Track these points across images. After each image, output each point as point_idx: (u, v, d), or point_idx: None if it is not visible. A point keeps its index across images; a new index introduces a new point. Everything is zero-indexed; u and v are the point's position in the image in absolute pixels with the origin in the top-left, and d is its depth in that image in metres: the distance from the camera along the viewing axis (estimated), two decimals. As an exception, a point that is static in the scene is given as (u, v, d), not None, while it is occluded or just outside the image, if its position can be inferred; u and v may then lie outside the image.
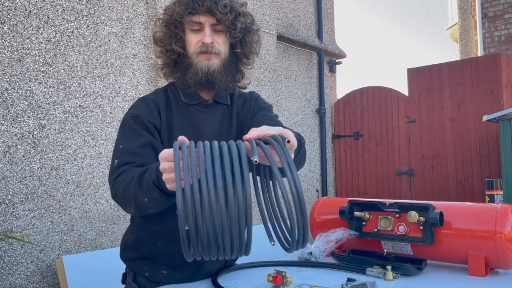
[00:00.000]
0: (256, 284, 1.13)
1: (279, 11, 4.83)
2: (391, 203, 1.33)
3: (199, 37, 1.22)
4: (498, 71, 4.53)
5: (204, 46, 1.21)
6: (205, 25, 1.21)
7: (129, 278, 1.27)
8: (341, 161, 5.50)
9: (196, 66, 1.22)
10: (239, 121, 1.32)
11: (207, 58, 1.22)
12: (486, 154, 4.52)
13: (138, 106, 1.23)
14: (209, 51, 1.21)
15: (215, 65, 1.22)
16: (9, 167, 2.49)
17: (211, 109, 1.29)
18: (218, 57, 1.23)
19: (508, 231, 1.14)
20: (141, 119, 1.19)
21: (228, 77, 1.26)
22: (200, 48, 1.22)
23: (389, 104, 5.19)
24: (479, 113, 4.53)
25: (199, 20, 1.21)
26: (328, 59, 5.61)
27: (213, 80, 1.22)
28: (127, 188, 1.03)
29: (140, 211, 1.05)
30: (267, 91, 4.50)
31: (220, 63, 1.24)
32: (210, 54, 1.22)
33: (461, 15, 7.91)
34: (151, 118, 1.20)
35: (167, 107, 1.27)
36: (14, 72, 2.54)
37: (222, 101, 1.31)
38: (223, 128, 1.29)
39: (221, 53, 1.24)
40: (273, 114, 1.32)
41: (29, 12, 2.62)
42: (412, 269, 1.18)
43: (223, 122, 1.30)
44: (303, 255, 1.35)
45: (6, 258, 2.43)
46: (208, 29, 1.21)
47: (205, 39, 1.20)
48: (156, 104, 1.24)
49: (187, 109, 1.27)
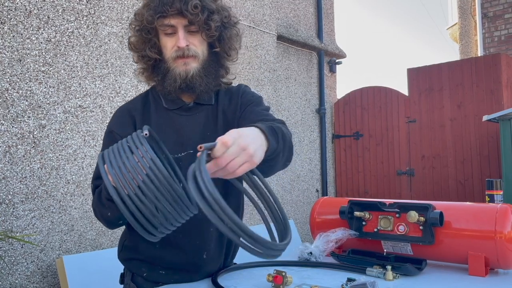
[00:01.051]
0: (256, 284, 1.13)
1: (279, 11, 4.83)
2: (391, 203, 1.33)
3: (173, 41, 1.17)
4: (498, 71, 4.53)
5: (179, 51, 1.16)
6: (178, 27, 1.15)
7: (127, 278, 1.27)
8: (341, 161, 5.50)
9: (173, 72, 1.18)
10: (226, 119, 1.25)
11: (184, 63, 1.17)
12: (486, 154, 4.52)
13: (113, 119, 1.26)
14: (186, 55, 1.16)
15: (194, 69, 1.18)
16: (9, 167, 2.49)
17: (193, 112, 1.25)
18: (196, 60, 1.18)
19: (508, 231, 1.14)
20: (114, 134, 1.22)
21: (209, 78, 1.21)
22: (176, 53, 1.17)
23: (389, 104, 5.19)
24: (479, 113, 4.53)
25: (171, 23, 1.15)
26: (328, 59, 5.61)
27: (192, 85, 1.18)
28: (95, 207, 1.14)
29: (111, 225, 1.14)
30: (267, 91, 4.50)
31: (199, 65, 1.19)
32: (187, 58, 1.17)
33: (461, 15, 7.91)
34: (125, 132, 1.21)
35: (144, 115, 1.24)
36: (14, 72, 2.54)
37: (205, 102, 1.26)
38: (208, 130, 1.23)
39: (198, 55, 1.19)
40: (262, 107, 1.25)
41: (29, 12, 2.62)
42: (412, 269, 1.19)
43: (207, 124, 1.24)
44: (303, 255, 1.35)
45: (6, 258, 2.43)
46: (181, 32, 1.15)
47: (179, 43, 1.15)
48: (131, 115, 1.24)
49: (168, 115, 1.24)
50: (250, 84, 4.25)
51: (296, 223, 4.74)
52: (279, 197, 4.59)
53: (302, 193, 4.96)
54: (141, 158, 0.85)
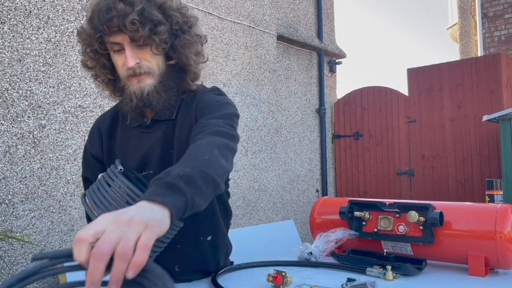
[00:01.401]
0: (256, 284, 1.13)
1: (279, 11, 4.83)
2: (391, 203, 1.33)
3: (123, 58, 1.08)
4: (498, 71, 4.52)
5: (130, 70, 1.07)
6: (124, 44, 1.06)
7: None
8: (341, 161, 5.50)
9: (129, 91, 1.10)
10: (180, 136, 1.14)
11: (138, 80, 1.09)
12: (486, 154, 4.52)
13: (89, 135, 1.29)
14: (138, 73, 1.08)
15: (149, 86, 1.09)
16: (9, 167, 2.49)
17: (153, 129, 1.17)
18: (151, 76, 1.09)
19: (508, 231, 1.14)
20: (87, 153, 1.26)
21: (168, 93, 1.12)
22: (127, 72, 1.08)
23: (389, 104, 5.19)
24: (479, 113, 4.53)
25: (116, 40, 1.06)
26: (328, 59, 5.61)
27: (150, 103, 1.10)
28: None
29: None
30: (267, 91, 4.50)
31: (154, 81, 1.10)
32: (140, 75, 1.08)
33: (461, 15, 7.91)
34: (94, 150, 1.25)
35: (110, 133, 1.23)
36: (14, 72, 2.54)
37: (164, 117, 1.16)
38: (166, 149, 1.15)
39: (152, 70, 1.09)
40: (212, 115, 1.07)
41: (29, 12, 2.62)
42: (412, 269, 1.19)
43: (166, 142, 1.15)
44: (303, 255, 1.35)
45: (6, 258, 2.43)
46: (128, 49, 1.06)
47: (128, 62, 1.06)
48: (100, 131, 1.25)
49: (132, 132, 1.20)
50: (250, 84, 4.25)
51: (296, 223, 4.74)
52: (279, 197, 4.59)
53: (302, 193, 4.96)
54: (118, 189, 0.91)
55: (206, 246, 1.20)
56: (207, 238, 1.19)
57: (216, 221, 1.21)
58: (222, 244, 1.25)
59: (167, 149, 1.15)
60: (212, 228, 1.20)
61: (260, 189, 4.32)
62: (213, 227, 1.20)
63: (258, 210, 4.28)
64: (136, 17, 1.02)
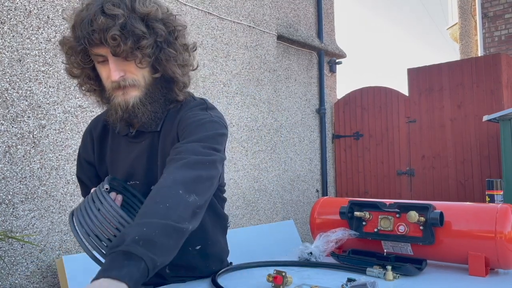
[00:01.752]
0: (256, 284, 1.13)
1: (279, 11, 4.83)
2: (391, 203, 1.33)
3: (107, 70, 1.06)
4: (498, 71, 4.52)
5: (115, 83, 1.05)
6: (108, 56, 1.03)
7: None
8: (341, 161, 5.50)
9: (114, 103, 1.08)
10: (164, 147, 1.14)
11: (123, 92, 1.07)
12: (486, 154, 4.52)
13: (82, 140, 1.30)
14: (122, 86, 1.06)
15: (134, 98, 1.07)
16: (9, 167, 2.49)
17: (139, 139, 1.17)
18: (136, 88, 1.07)
19: (508, 231, 1.14)
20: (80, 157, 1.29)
21: (154, 105, 1.10)
22: (112, 84, 1.06)
23: (389, 104, 5.19)
24: (479, 113, 4.53)
25: (100, 52, 1.04)
26: (328, 59, 5.61)
27: (135, 115, 1.08)
28: None
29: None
30: (267, 91, 4.50)
31: (140, 93, 1.08)
32: (125, 88, 1.06)
33: (461, 15, 7.91)
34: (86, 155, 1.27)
35: (101, 139, 1.23)
36: (14, 72, 2.54)
37: (149, 129, 1.15)
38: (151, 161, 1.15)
39: (137, 82, 1.07)
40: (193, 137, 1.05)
41: (29, 12, 2.62)
42: (412, 269, 1.18)
43: (151, 154, 1.15)
44: (303, 255, 1.35)
45: (6, 258, 2.43)
46: (112, 63, 1.03)
47: (112, 76, 1.04)
48: (92, 137, 1.26)
49: (121, 141, 1.20)
50: (250, 84, 4.25)
51: (296, 223, 4.74)
52: (279, 197, 4.59)
53: (302, 193, 4.96)
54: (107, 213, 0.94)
55: (195, 255, 1.18)
56: (196, 247, 1.17)
57: (205, 230, 1.18)
58: (213, 251, 1.23)
59: (152, 159, 1.15)
60: (200, 238, 1.17)
61: (260, 189, 4.32)
62: (202, 237, 1.18)
63: (258, 210, 4.28)
64: (117, 32, 0.98)
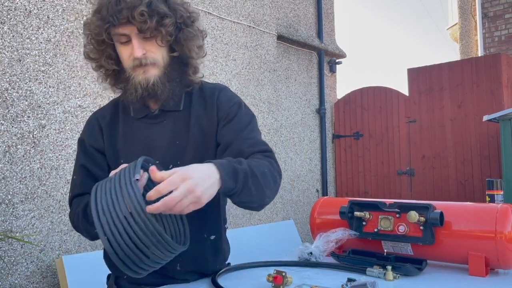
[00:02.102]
0: (256, 284, 1.13)
1: (279, 11, 4.83)
2: (391, 203, 1.33)
3: (130, 49, 1.12)
4: (498, 71, 4.52)
5: (136, 60, 1.11)
6: (131, 36, 1.10)
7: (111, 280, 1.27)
8: (341, 161, 5.50)
9: (134, 82, 1.13)
10: (200, 128, 1.20)
11: (144, 71, 1.12)
12: (487, 154, 4.52)
13: (85, 128, 1.27)
14: (144, 64, 1.12)
15: (154, 77, 1.13)
16: (9, 167, 2.49)
17: (160, 119, 1.20)
18: (156, 67, 1.13)
19: (508, 231, 1.14)
20: (85, 144, 1.24)
21: (172, 84, 1.16)
22: (133, 62, 1.12)
23: (389, 104, 5.19)
24: (480, 113, 4.53)
25: (123, 32, 1.10)
26: (328, 59, 5.60)
27: (154, 93, 1.13)
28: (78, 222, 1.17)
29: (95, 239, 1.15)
30: (267, 91, 4.50)
31: (159, 72, 1.14)
32: (145, 66, 1.12)
33: (461, 15, 7.91)
34: (94, 142, 1.23)
35: (112, 126, 1.23)
36: (14, 72, 2.54)
37: (171, 108, 1.20)
38: (177, 139, 1.18)
39: (157, 61, 1.14)
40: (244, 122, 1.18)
41: (29, 12, 2.62)
42: (412, 269, 1.18)
43: (176, 131, 1.19)
44: (303, 255, 1.35)
45: (6, 258, 2.43)
46: (135, 40, 1.10)
47: (135, 53, 1.10)
48: (99, 124, 1.24)
49: (135, 124, 1.21)
50: (250, 84, 4.25)
51: (296, 223, 4.74)
52: (279, 197, 4.59)
53: (302, 193, 4.96)
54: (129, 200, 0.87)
55: (209, 245, 1.22)
56: (211, 237, 1.21)
57: (219, 222, 1.25)
58: (223, 247, 1.27)
59: (175, 138, 1.19)
60: (215, 228, 1.23)
61: (260, 189, 4.31)
62: (217, 227, 1.24)
63: (258, 210, 4.27)
64: (144, 9, 1.06)
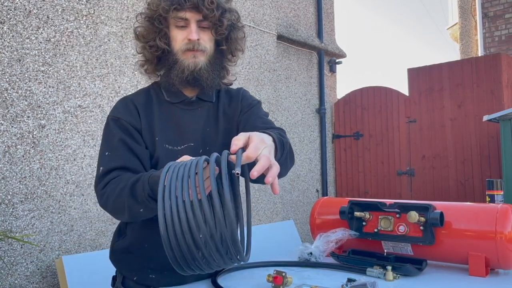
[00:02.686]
0: (256, 284, 1.13)
1: (279, 11, 4.82)
2: (391, 203, 1.33)
3: (184, 34, 1.19)
4: (498, 71, 4.52)
5: (190, 43, 1.18)
6: (190, 21, 1.18)
7: (118, 281, 1.26)
8: (341, 161, 5.50)
9: (182, 64, 1.19)
10: (227, 119, 1.28)
11: (193, 55, 1.19)
12: (487, 154, 4.52)
13: (118, 108, 1.23)
14: (196, 48, 1.19)
15: (202, 63, 1.20)
16: (8, 167, 2.48)
17: (195, 106, 1.27)
18: (204, 54, 1.21)
19: (508, 231, 1.14)
20: (121, 121, 1.20)
21: (214, 74, 1.24)
22: (186, 46, 1.19)
23: (389, 104, 5.19)
24: (480, 113, 4.53)
25: (185, 16, 1.17)
26: (328, 59, 5.60)
27: (199, 78, 1.20)
28: (119, 198, 1.06)
29: (134, 219, 1.10)
30: (267, 91, 4.49)
31: (206, 60, 1.21)
32: (196, 51, 1.19)
33: (461, 15, 7.91)
34: (131, 120, 1.20)
35: (147, 107, 1.25)
36: (13, 72, 2.54)
37: (207, 98, 1.28)
38: (208, 126, 1.26)
39: (207, 50, 1.21)
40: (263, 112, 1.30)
41: (28, 12, 2.62)
42: (412, 269, 1.18)
43: (208, 120, 1.27)
44: (303, 256, 1.35)
45: (5, 258, 2.43)
46: (194, 25, 1.18)
47: (192, 35, 1.17)
48: (134, 104, 1.24)
49: (170, 108, 1.25)
50: (250, 84, 4.25)
51: (296, 223, 4.73)
52: (279, 197, 4.59)
53: (302, 193, 4.96)
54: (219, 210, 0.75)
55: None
56: None
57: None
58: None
59: (207, 127, 1.26)
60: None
61: (260, 189, 4.31)
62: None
63: (258, 210, 4.27)
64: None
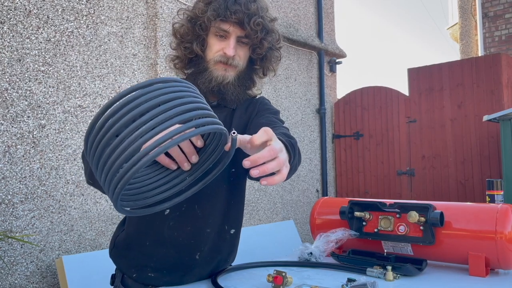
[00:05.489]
0: (256, 284, 1.13)
1: (279, 11, 4.82)
2: (391, 203, 1.33)
3: (222, 45, 1.19)
4: (498, 71, 4.52)
5: (224, 57, 1.18)
6: (231, 35, 1.18)
7: (117, 280, 1.26)
8: (341, 161, 5.50)
9: (211, 73, 1.20)
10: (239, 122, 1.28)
11: (225, 69, 1.19)
12: (487, 154, 4.52)
13: None
14: (229, 63, 1.19)
15: (231, 77, 1.20)
16: (9, 167, 2.48)
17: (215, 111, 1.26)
18: (236, 70, 1.21)
19: (508, 231, 1.14)
20: None
21: (240, 89, 1.24)
22: (220, 58, 1.19)
23: (389, 104, 5.19)
24: (480, 113, 4.53)
25: (227, 29, 1.17)
26: (328, 59, 5.60)
27: (225, 92, 1.20)
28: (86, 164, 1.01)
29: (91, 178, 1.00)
30: (267, 91, 4.49)
31: (235, 75, 1.22)
32: (229, 66, 1.19)
33: (461, 15, 7.91)
34: None
35: None
36: (14, 72, 2.54)
37: (228, 105, 1.27)
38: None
39: (239, 66, 1.22)
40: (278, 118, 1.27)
41: (28, 12, 2.62)
42: (412, 269, 1.18)
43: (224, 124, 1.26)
44: (303, 255, 1.35)
45: (6, 258, 2.43)
46: (233, 40, 1.18)
47: (229, 51, 1.17)
48: None
49: None
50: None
51: (296, 223, 4.73)
52: (279, 197, 4.59)
53: (302, 193, 4.96)
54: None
55: (228, 239, 1.24)
56: (231, 230, 1.24)
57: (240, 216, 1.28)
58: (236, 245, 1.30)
59: None
60: (236, 222, 1.26)
61: (260, 189, 4.31)
62: (237, 221, 1.27)
63: (258, 210, 4.27)
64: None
